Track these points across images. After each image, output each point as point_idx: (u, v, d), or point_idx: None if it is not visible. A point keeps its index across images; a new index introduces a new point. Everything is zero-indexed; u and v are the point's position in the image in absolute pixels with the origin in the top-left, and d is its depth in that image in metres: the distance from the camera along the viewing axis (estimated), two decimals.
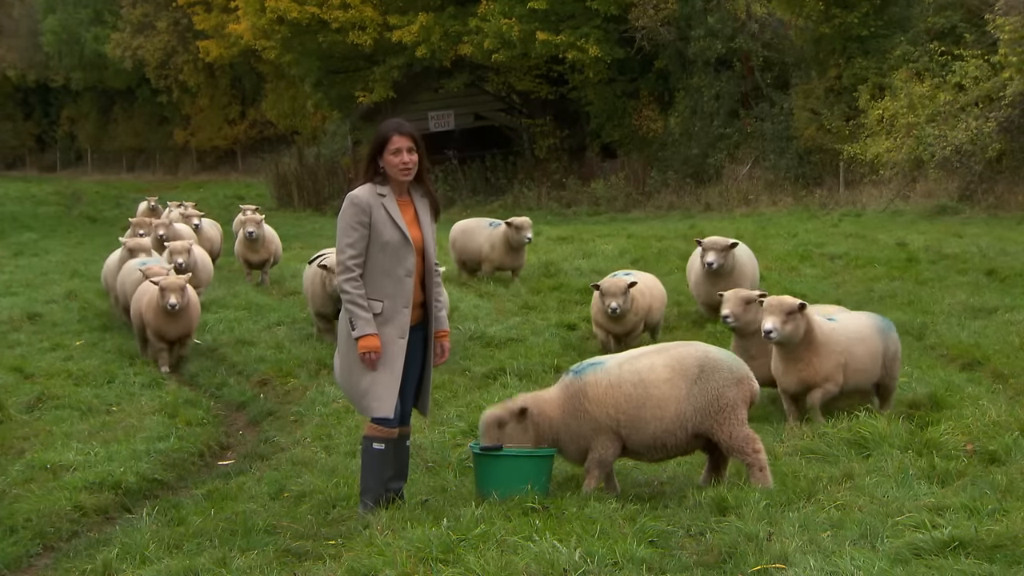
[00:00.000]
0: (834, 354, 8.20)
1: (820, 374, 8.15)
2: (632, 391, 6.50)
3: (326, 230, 27.21)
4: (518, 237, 14.84)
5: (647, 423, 6.49)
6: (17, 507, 7.18)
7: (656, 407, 6.48)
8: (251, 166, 46.75)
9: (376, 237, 6.34)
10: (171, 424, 9.22)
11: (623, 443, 6.58)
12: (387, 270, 6.34)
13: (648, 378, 6.53)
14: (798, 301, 8.10)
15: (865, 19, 24.97)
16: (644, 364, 6.60)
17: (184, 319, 11.44)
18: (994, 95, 22.26)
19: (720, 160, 28.12)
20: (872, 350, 8.36)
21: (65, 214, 34.24)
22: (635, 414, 6.48)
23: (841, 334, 8.33)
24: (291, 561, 5.92)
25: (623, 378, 6.54)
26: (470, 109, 34.87)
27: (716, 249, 11.61)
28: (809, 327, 8.14)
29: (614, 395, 6.51)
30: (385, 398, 6.34)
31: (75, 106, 57.45)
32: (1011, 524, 5.43)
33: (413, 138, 6.40)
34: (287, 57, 34.66)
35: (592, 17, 28.40)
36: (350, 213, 6.35)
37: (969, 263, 15.26)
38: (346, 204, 6.39)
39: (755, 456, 6.50)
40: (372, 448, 6.41)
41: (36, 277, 18.49)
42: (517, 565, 5.20)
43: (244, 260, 16.65)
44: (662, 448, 6.61)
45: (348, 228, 6.35)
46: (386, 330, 6.33)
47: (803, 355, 8.15)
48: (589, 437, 6.53)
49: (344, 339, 6.46)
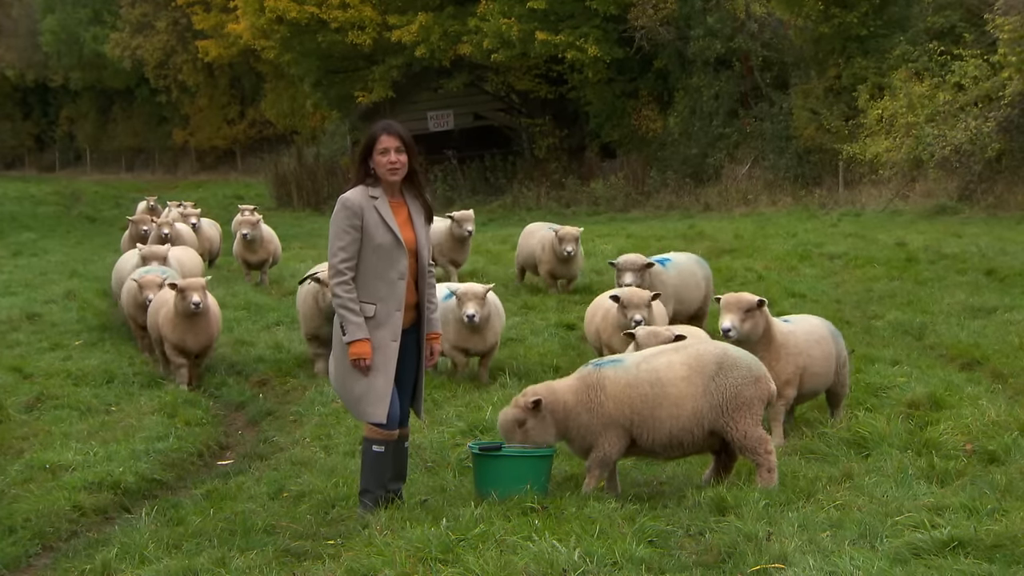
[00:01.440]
0: (793, 356, 7.83)
1: (781, 377, 7.66)
2: (649, 391, 6.50)
3: (325, 230, 27.04)
4: (459, 230, 15.10)
5: (663, 422, 6.49)
6: (16, 507, 7.17)
7: (673, 405, 6.48)
8: (250, 166, 46.75)
9: (368, 240, 6.31)
10: (170, 424, 9.21)
11: (632, 442, 6.57)
12: (380, 273, 6.32)
13: (666, 376, 6.53)
14: (756, 297, 7.76)
15: (864, 19, 24.97)
16: (662, 362, 6.61)
17: (205, 328, 10.68)
18: (993, 95, 22.27)
19: (719, 160, 28.12)
20: (827, 353, 8.06)
21: (64, 214, 34.22)
22: (650, 414, 6.49)
23: (800, 335, 7.98)
24: (290, 561, 5.92)
25: (641, 378, 6.54)
26: (469, 109, 34.87)
27: (633, 270, 11.18)
28: (768, 326, 7.79)
29: (630, 395, 6.50)
30: (379, 403, 6.33)
31: (74, 106, 57.43)
32: (1010, 524, 5.44)
33: (401, 138, 6.38)
34: (286, 57, 34.65)
35: (591, 17, 28.40)
36: (342, 216, 6.32)
37: (968, 263, 15.27)
38: (338, 207, 6.35)
39: (766, 457, 6.49)
40: (372, 450, 6.41)
41: (35, 277, 18.47)
42: (516, 565, 5.20)
43: (243, 260, 16.65)
44: (679, 446, 6.60)
45: (340, 232, 6.32)
46: (379, 333, 6.31)
47: (763, 356, 7.53)
48: (598, 432, 6.51)
49: (338, 343, 6.42)
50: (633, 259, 11.23)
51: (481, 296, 9.80)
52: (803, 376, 7.89)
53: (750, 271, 15.22)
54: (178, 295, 10.47)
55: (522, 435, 6.50)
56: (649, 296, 9.35)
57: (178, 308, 10.49)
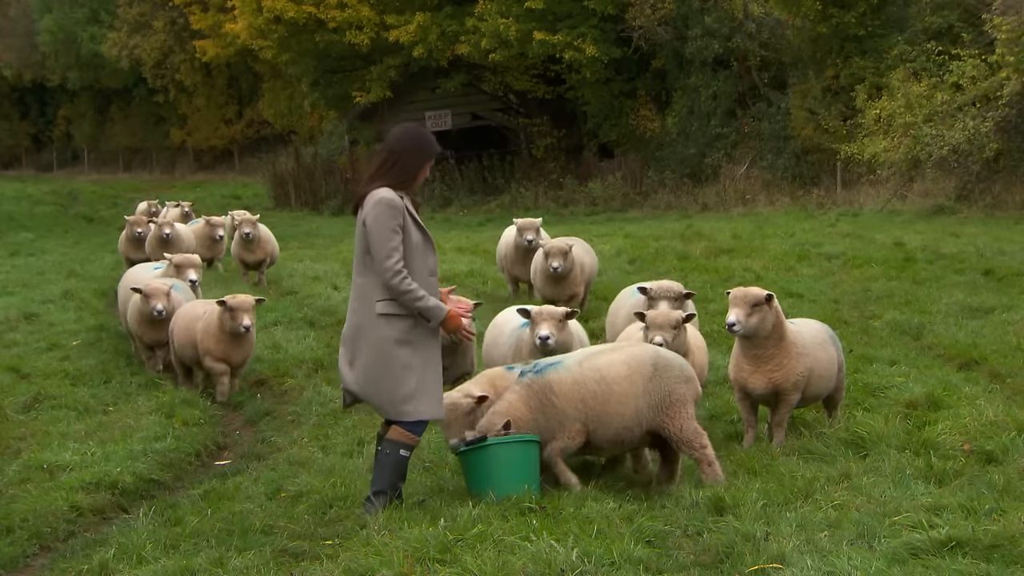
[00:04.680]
0: (803, 357, 7.62)
1: (791, 378, 7.54)
2: (596, 388, 6.65)
3: (323, 230, 27.25)
4: (520, 239, 14.67)
5: (611, 418, 6.65)
6: (13, 507, 7.16)
7: (619, 403, 6.66)
8: (248, 166, 46.75)
9: (407, 238, 6.38)
10: (168, 424, 9.19)
11: (587, 438, 6.68)
12: (417, 270, 6.39)
13: (609, 375, 6.69)
14: (765, 292, 7.51)
15: (862, 19, 24.99)
16: (603, 362, 6.76)
17: (249, 341, 10.35)
18: (991, 95, 22.28)
19: (717, 160, 28.13)
20: (830, 357, 7.93)
21: (62, 214, 34.22)
22: (601, 409, 6.64)
23: (806, 337, 7.78)
24: (288, 561, 5.92)
25: (586, 375, 6.68)
26: (467, 109, 34.86)
27: (532, 229, 12.30)
28: (779, 323, 7.55)
29: (580, 392, 6.63)
30: (431, 399, 6.41)
31: (72, 106, 57.38)
32: (1008, 524, 5.44)
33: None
34: (284, 57, 34.64)
35: (589, 17, 28.42)
36: (388, 215, 6.30)
37: (966, 263, 15.27)
38: (382, 207, 6.30)
39: (702, 451, 6.72)
40: (400, 454, 6.42)
41: (32, 277, 18.47)
42: (514, 565, 5.20)
43: (240, 260, 16.63)
44: (620, 444, 6.84)
45: (390, 232, 6.29)
46: (422, 331, 6.40)
47: (774, 355, 7.53)
48: (555, 430, 6.63)
49: (375, 343, 6.34)
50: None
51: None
52: (809, 379, 7.72)
53: (748, 271, 15.21)
54: (226, 314, 10.02)
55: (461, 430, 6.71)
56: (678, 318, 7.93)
57: (225, 326, 10.08)
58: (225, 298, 10.14)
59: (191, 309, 10.68)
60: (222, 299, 10.15)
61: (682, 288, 8.74)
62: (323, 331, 12.59)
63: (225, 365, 10.30)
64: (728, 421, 8.46)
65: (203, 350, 10.27)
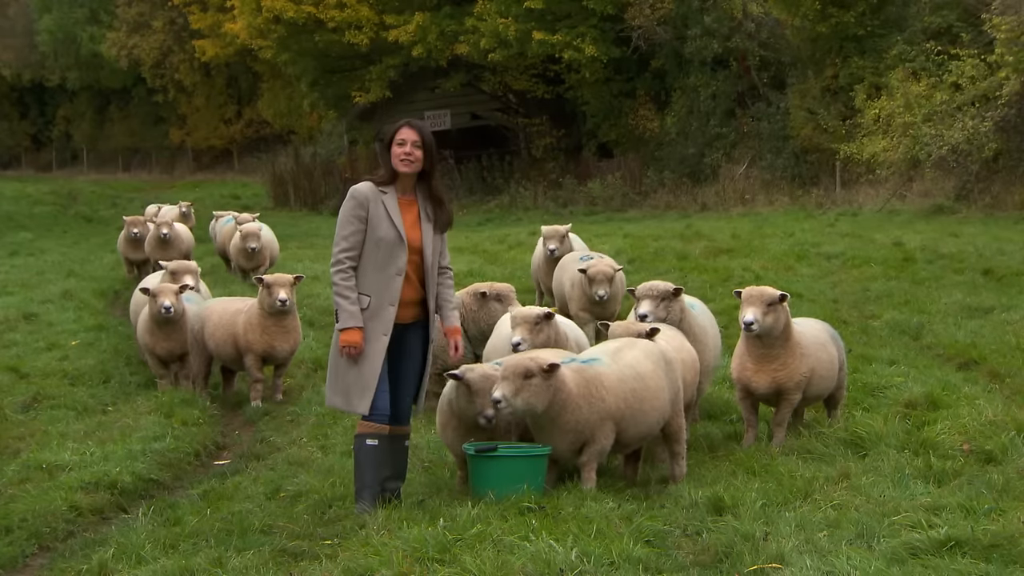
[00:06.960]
0: (806, 357, 7.61)
1: (794, 377, 7.54)
2: (635, 384, 6.62)
3: (322, 230, 27.21)
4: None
5: (647, 414, 6.65)
6: (13, 507, 7.16)
7: (654, 398, 6.68)
8: (247, 166, 46.72)
9: (371, 232, 6.39)
10: (167, 424, 9.19)
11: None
12: (379, 266, 6.38)
13: (642, 370, 6.68)
14: (779, 292, 7.53)
15: (861, 18, 24.99)
16: (630, 358, 6.75)
17: (295, 328, 10.06)
18: (991, 94, 22.28)
19: (716, 160, 28.12)
20: (832, 356, 7.94)
21: (61, 214, 34.18)
22: (639, 407, 6.61)
23: (809, 337, 7.78)
24: (287, 561, 5.92)
25: (624, 373, 6.62)
26: (466, 109, 34.85)
27: (556, 238, 12.15)
28: (788, 323, 7.55)
29: (622, 389, 6.56)
30: (363, 394, 6.38)
31: (71, 105, 57.33)
32: (1007, 524, 5.44)
33: (422, 136, 6.46)
34: (283, 56, 34.63)
35: (588, 16, 28.41)
36: (349, 206, 6.45)
37: (965, 263, 15.27)
38: (347, 197, 6.49)
39: (681, 446, 6.92)
40: (366, 444, 6.43)
41: (32, 277, 18.46)
42: (513, 565, 5.20)
43: (240, 267, 16.50)
44: (640, 441, 6.87)
45: (344, 221, 6.44)
46: (370, 325, 6.38)
47: (779, 354, 7.52)
48: (595, 425, 6.45)
49: (334, 336, 6.53)
50: (556, 229, 10.94)
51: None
52: (811, 378, 7.71)
53: (747, 271, 15.20)
54: (264, 291, 9.73)
55: (518, 388, 6.18)
56: None
57: (264, 305, 9.76)
58: (262, 275, 9.90)
59: (220, 304, 10.38)
60: (259, 276, 10.07)
61: (669, 286, 8.13)
62: (322, 331, 12.58)
63: (262, 374, 10.07)
64: (728, 421, 8.46)
65: (244, 345, 9.89)
